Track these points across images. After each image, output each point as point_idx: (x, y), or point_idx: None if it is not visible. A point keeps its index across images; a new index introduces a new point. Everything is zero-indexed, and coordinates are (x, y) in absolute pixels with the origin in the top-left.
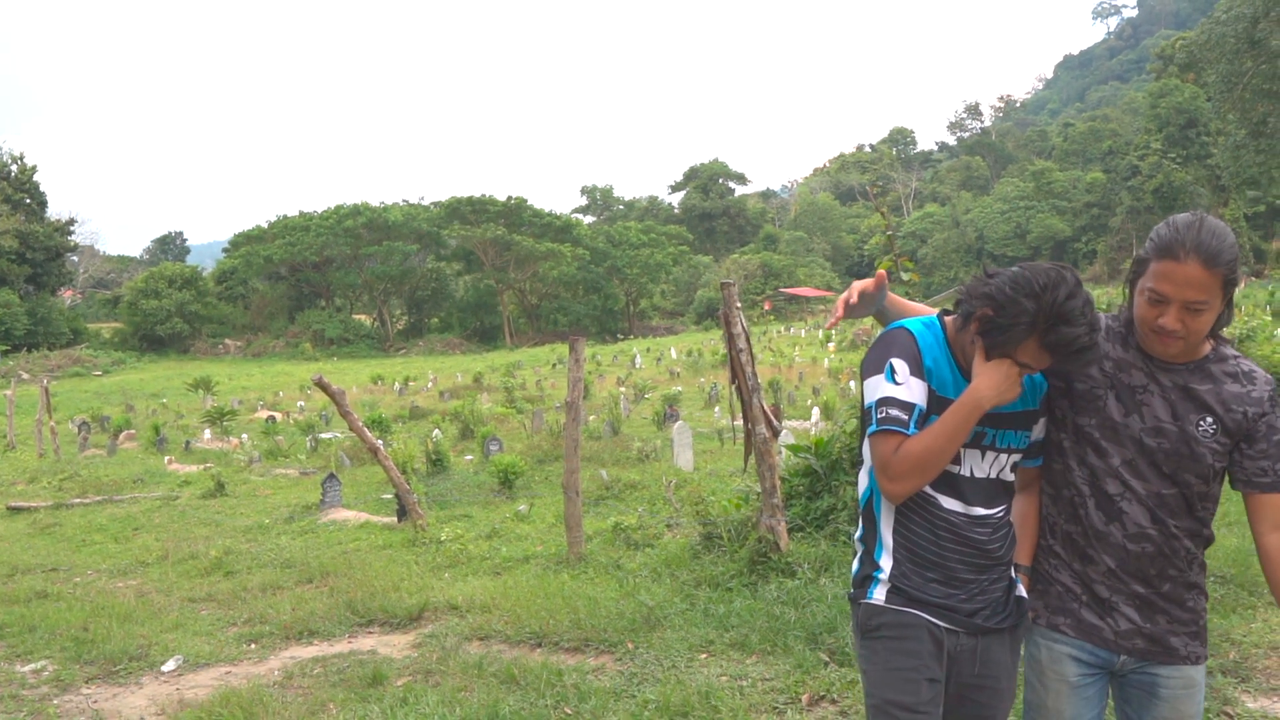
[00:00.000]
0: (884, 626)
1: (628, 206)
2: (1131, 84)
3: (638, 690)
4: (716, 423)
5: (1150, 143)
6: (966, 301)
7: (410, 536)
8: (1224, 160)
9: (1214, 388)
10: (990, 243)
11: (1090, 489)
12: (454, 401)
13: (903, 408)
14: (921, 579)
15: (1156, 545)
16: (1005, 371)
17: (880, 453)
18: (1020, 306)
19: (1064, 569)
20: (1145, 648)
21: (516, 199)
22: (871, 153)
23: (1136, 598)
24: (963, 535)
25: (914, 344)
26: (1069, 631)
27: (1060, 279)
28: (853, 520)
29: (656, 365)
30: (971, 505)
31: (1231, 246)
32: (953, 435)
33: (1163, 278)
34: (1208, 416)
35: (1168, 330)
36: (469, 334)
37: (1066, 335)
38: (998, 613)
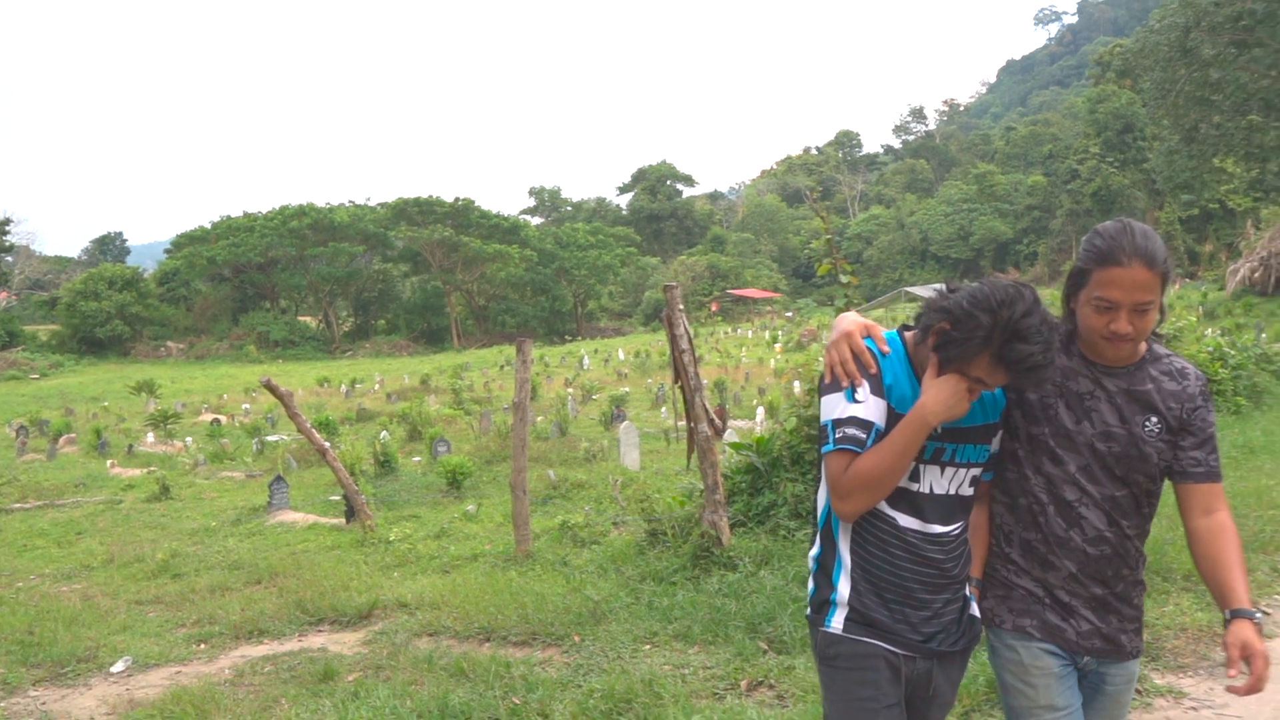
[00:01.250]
0: (841, 656)
1: (576, 208)
2: (1072, 89)
3: (584, 680)
4: (663, 423)
5: (1089, 147)
6: (925, 315)
7: (359, 537)
8: (1158, 165)
9: (1154, 387)
10: (934, 244)
11: (1049, 496)
12: (401, 403)
13: (861, 426)
14: (879, 601)
15: (1114, 547)
16: (954, 387)
17: (832, 471)
18: (976, 321)
19: (1024, 575)
20: (1101, 647)
21: (464, 200)
22: (818, 155)
23: (1094, 600)
24: (920, 554)
25: (875, 361)
26: (1036, 633)
27: (1018, 296)
28: (793, 515)
29: (604, 366)
30: (929, 523)
31: (1163, 246)
32: (901, 452)
33: (1110, 284)
34: (1152, 416)
35: (1122, 334)
36: (416, 336)
37: (1021, 352)
38: (951, 635)
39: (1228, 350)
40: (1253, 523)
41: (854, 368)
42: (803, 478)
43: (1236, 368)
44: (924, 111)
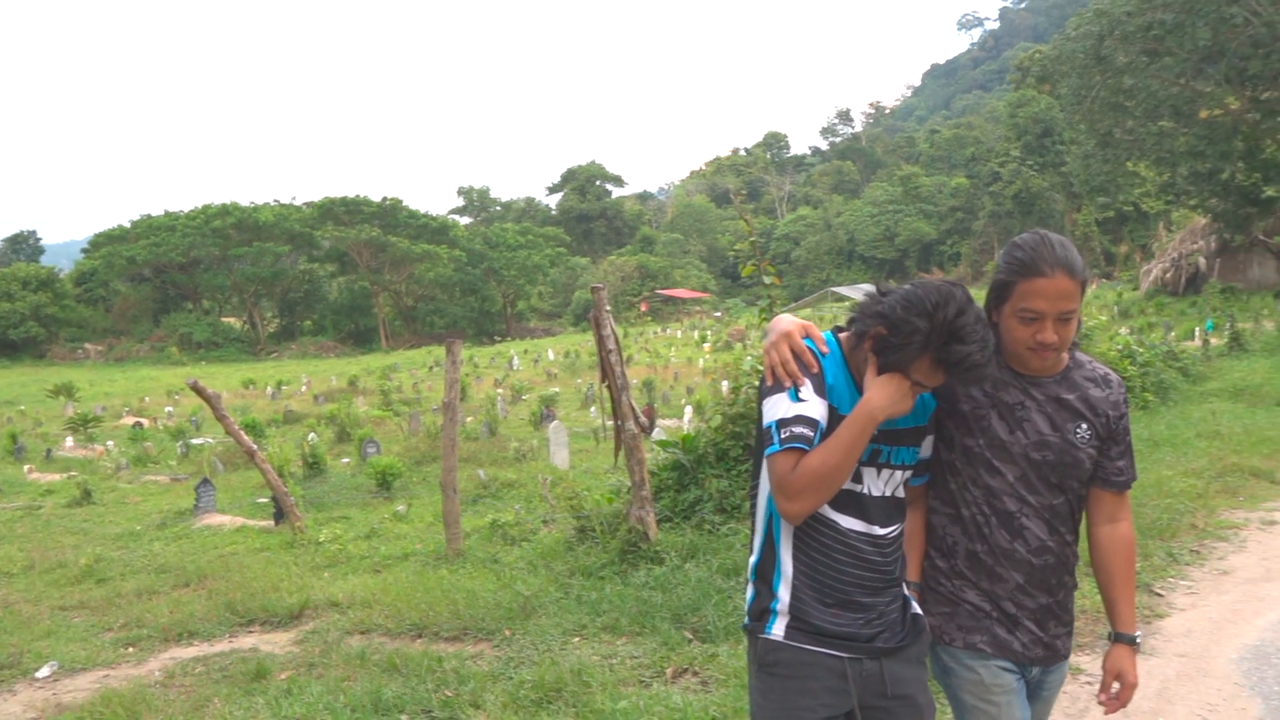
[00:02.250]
0: (781, 664)
1: (505, 208)
2: (994, 93)
3: (514, 672)
4: (592, 422)
5: (1010, 150)
6: (860, 320)
7: (288, 539)
8: (1075, 168)
9: (1081, 394)
10: (861, 245)
11: (990, 509)
12: (329, 405)
13: (808, 424)
14: (821, 607)
15: (1056, 555)
16: (897, 384)
17: (779, 471)
18: (913, 325)
19: (970, 588)
20: (1043, 655)
21: (392, 200)
22: (746, 156)
23: (1040, 609)
24: (861, 557)
25: (816, 360)
26: (987, 649)
27: (950, 296)
28: (718, 510)
29: (534, 367)
30: (873, 525)
31: (1079, 255)
32: (849, 449)
33: (1035, 295)
34: (1083, 423)
35: (1048, 344)
36: (343, 337)
37: (960, 353)
38: (896, 633)
39: (1136, 349)
40: (1151, 511)
41: (795, 367)
42: (727, 474)
43: (1145, 365)
44: (850, 114)
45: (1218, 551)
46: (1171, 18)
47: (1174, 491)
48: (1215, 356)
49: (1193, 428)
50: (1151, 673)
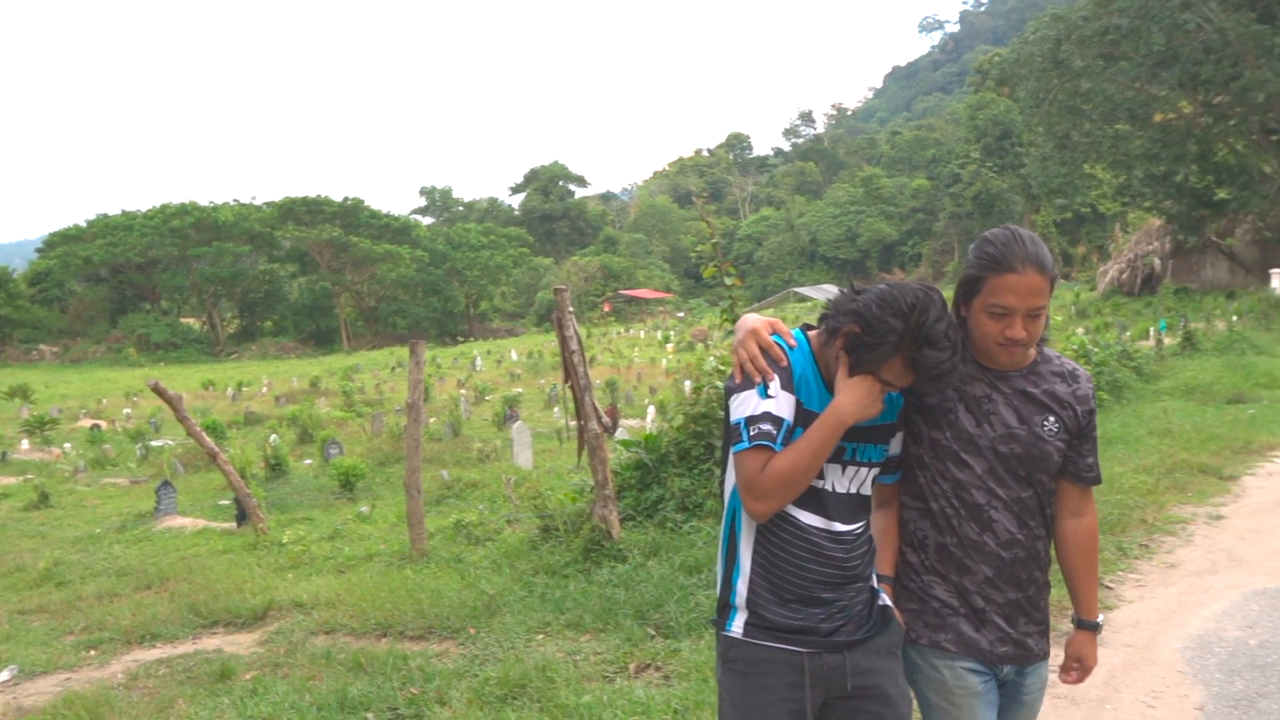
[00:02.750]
0: (741, 660)
1: (467, 208)
2: (954, 95)
3: (480, 670)
4: (555, 422)
5: (970, 152)
6: (833, 317)
7: (251, 540)
8: (1034, 170)
9: (1048, 388)
10: (823, 245)
11: (959, 501)
12: (290, 406)
13: (774, 422)
14: (779, 603)
15: (1026, 549)
16: (868, 387)
17: (748, 470)
18: (888, 325)
19: (939, 584)
20: (1012, 653)
21: (353, 200)
22: (709, 157)
23: (1008, 604)
24: (822, 553)
25: (784, 355)
26: (952, 648)
27: (929, 300)
28: (680, 509)
29: (497, 367)
30: (833, 520)
31: (1048, 252)
32: (818, 451)
33: (1006, 291)
34: (1050, 416)
35: (1017, 340)
36: (304, 337)
37: (932, 358)
38: (860, 626)
39: (1091, 348)
40: (1102, 507)
41: (764, 363)
42: (689, 473)
43: (1099, 364)
44: (813, 115)
45: (1166, 545)
46: (1127, 23)
47: (1125, 488)
48: (1168, 356)
49: (1145, 425)
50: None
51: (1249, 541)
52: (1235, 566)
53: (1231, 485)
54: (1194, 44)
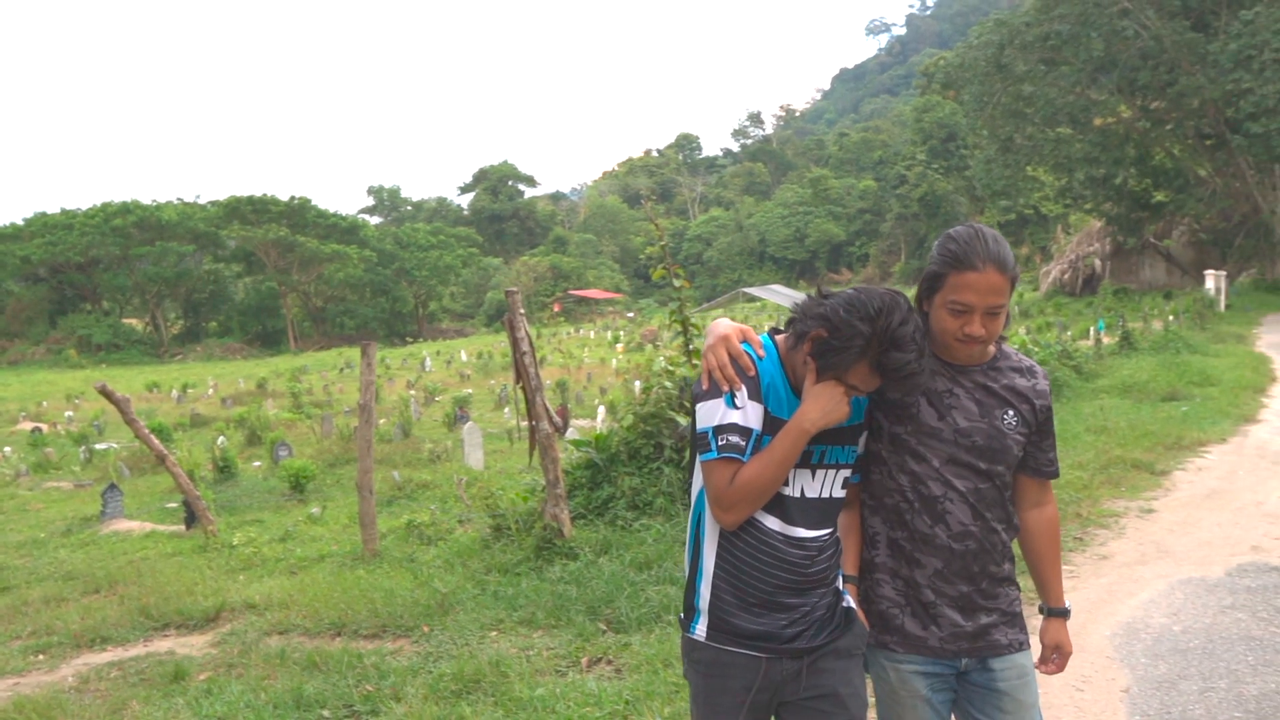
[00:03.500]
0: (703, 663)
1: (416, 207)
2: (900, 97)
3: (434, 666)
4: (506, 423)
5: (916, 154)
6: (800, 321)
7: (201, 543)
8: (978, 173)
9: (1008, 383)
10: (771, 246)
11: (914, 494)
12: (238, 408)
13: (741, 434)
14: (741, 607)
15: (979, 541)
16: (832, 394)
17: (716, 482)
18: (855, 329)
19: (887, 582)
20: (969, 647)
21: (300, 199)
22: (659, 157)
23: (960, 598)
24: (785, 559)
25: (753, 364)
26: (899, 648)
27: (895, 304)
28: (630, 507)
29: (447, 368)
30: (796, 526)
31: (1011, 251)
32: (782, 461)
33: (965, 288)
34: (1010, 410)
35: (975, 337)
36: (250, 338)
37: (898, 360)
38: (822, 630)
39: (1032, 347)
40: None
41: (733, 372)
42: (640, 471)
43: (1039, 364)
44: (761, 116)
45: (1099, 538)
46: (1067, 29)
47: (1061, 483)
48: (1107, 355)
49: (1082, 423)
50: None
51: (1177, 534)
52: (1163, 557)
53: (1163, 480)
54: (1132, 50)
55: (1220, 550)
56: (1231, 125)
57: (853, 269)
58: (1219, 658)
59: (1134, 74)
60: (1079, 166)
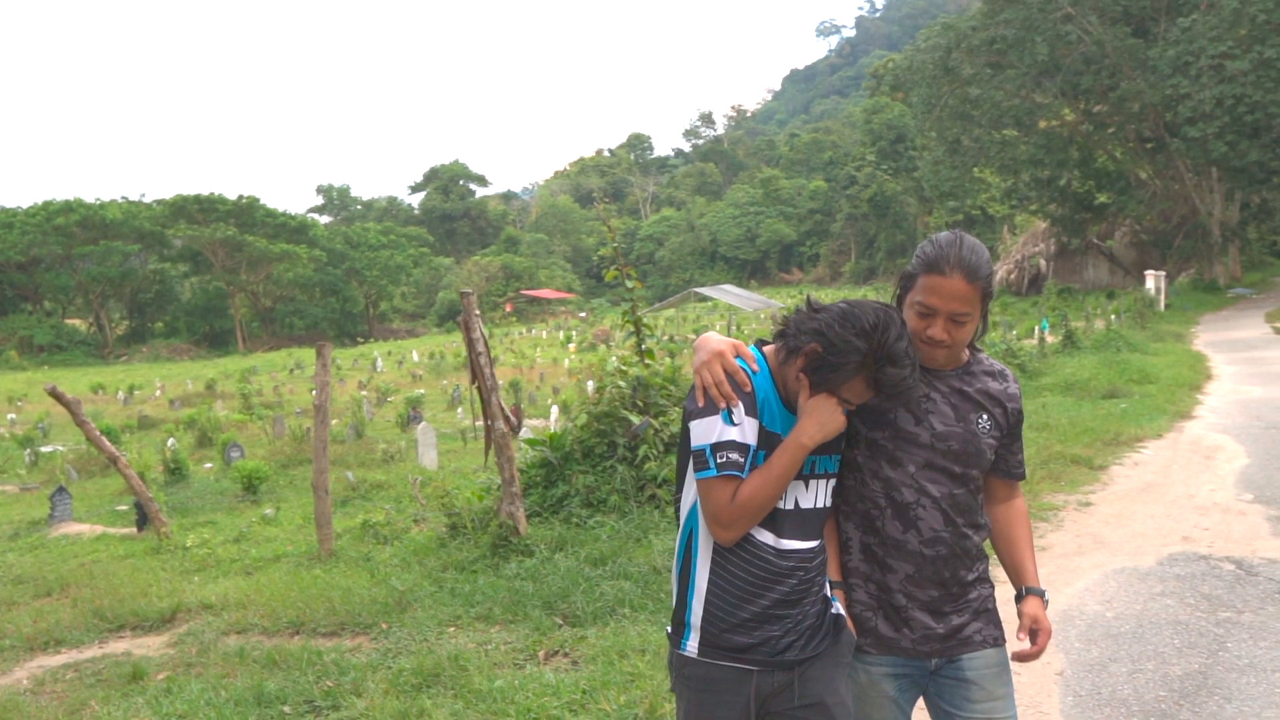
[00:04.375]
0: (695, 678)
1: (366, 207)
2: (850, 99)
3: (393, 662)
4: (459, 423)
5: (866, 155)
6: (794, 336)
7: (154, 545)
8: (926, 174)
9: (981, 387)
10: (723, 246)
11: (886, 500)
12: (186, 410)
13: (740, 450)
14: (734, 622)
15: (950, 547)
16: (828, 408)
17: (716, 499)
18: (851, 345)
19: (860, 586)
20: (941, 647)
21: (249, 198)
22: (610, 157)
23: (931, 602)
24: (778, 571)
25: (749, 380)
26: (872, 650)
27: (890, 320)
28: (584, 505)
29: (398, 368)
30: (786, 539)
31: (988, 262)
32: (781, 477)
33: (930, 291)
34: (984, 414)
35: (936, 340)
36: (198, 339)
37: (894, 376)
38: (813, 638)
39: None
40: None
41: (729, 389)
42: (593, 470)
43: None
44: (713, 117)
45: (1039, 531)
46: (1012, 33)
47: None
48: (1050, 354)
49: (1025, 420)
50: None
51: (1113, 526)
52: (1099, 548)
53: (1101, 474)
54: (1075, 55)
55: (1153, 541)
56: (1170, 129)
57: (803, 269)
58: (1148, 641)
59: (1077, 78)
60: (1024, 168)
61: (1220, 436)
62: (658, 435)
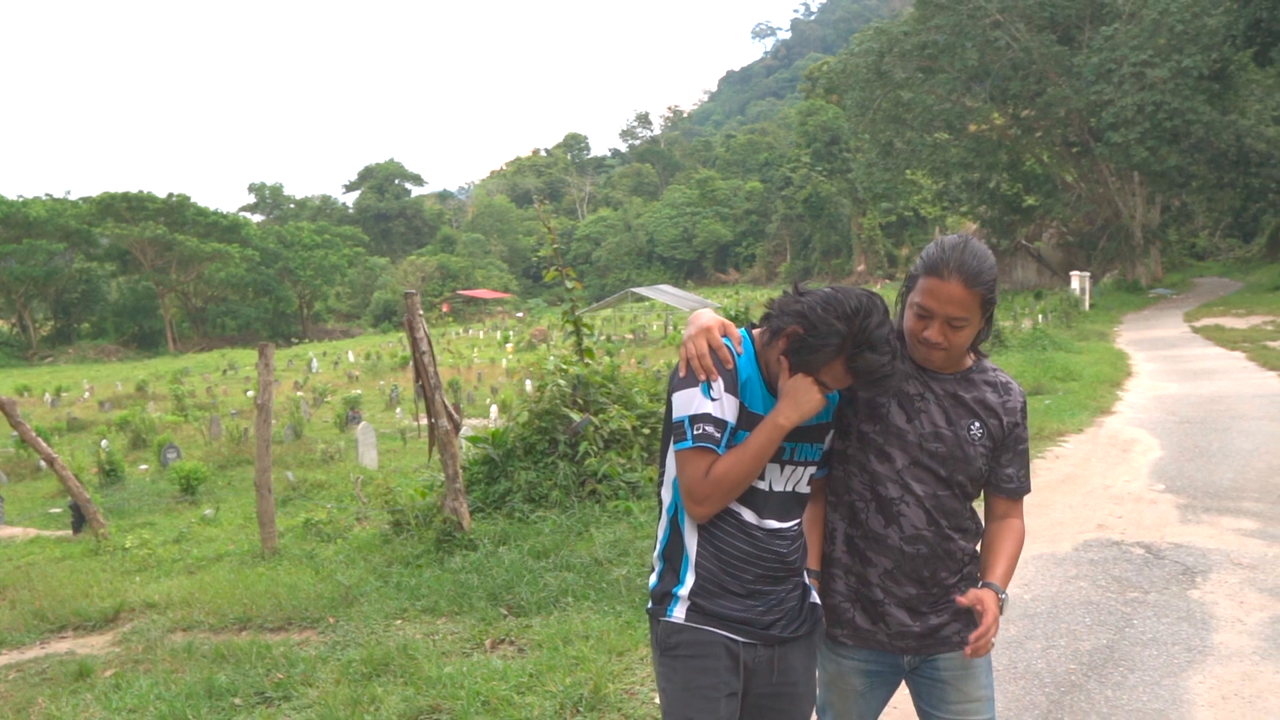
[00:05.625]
0: (682, 645)
1: (299, 206)
2: (786, 100)
3: (342, 654)
4: (398, 423)
5: (801, 156)
6: (777, 317)
7: (92, 546)
8: (860, 176)
9: (978, 395)
10: (660, 246)
11: (871, 494)
12: (117, 411)
13: (717, 425)
14: (721, 592)
15: (931, 547)
16: (806, 390)
17: (690, 472)
18: (832, 328)
19: (840, 577)
20: (917, 645)
21: (179, 196)
22: (547, 157)
23: (909, 599)
24: (763, 547)
25: (732, 358)
26: (848, 641)
27: (872, 305)
28: (527, 500)
29: (334, 369)
30: (767, 518)
31: (991, 269)
32: (757, 456)
33: (928, 294)
34: (976, 422)
35: (931, 342)
36: (126, 340)
37: (872, 362)
38: (794, 621)
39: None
40: None
41: (710, 362)
42: (535, 466)
43: None
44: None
45: None
46: (943, 39)
47: None
48: None
49: None
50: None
51: (1033, 515)
52: None
53: None
54: (1003, 61)
55: (1070, 529)
56: (1094, 134)
57: (740, 269)
58: (1061, 620)
59: (1006, 83)
60: (955, 171)
61: (1137, 431)
62: (598, 432)
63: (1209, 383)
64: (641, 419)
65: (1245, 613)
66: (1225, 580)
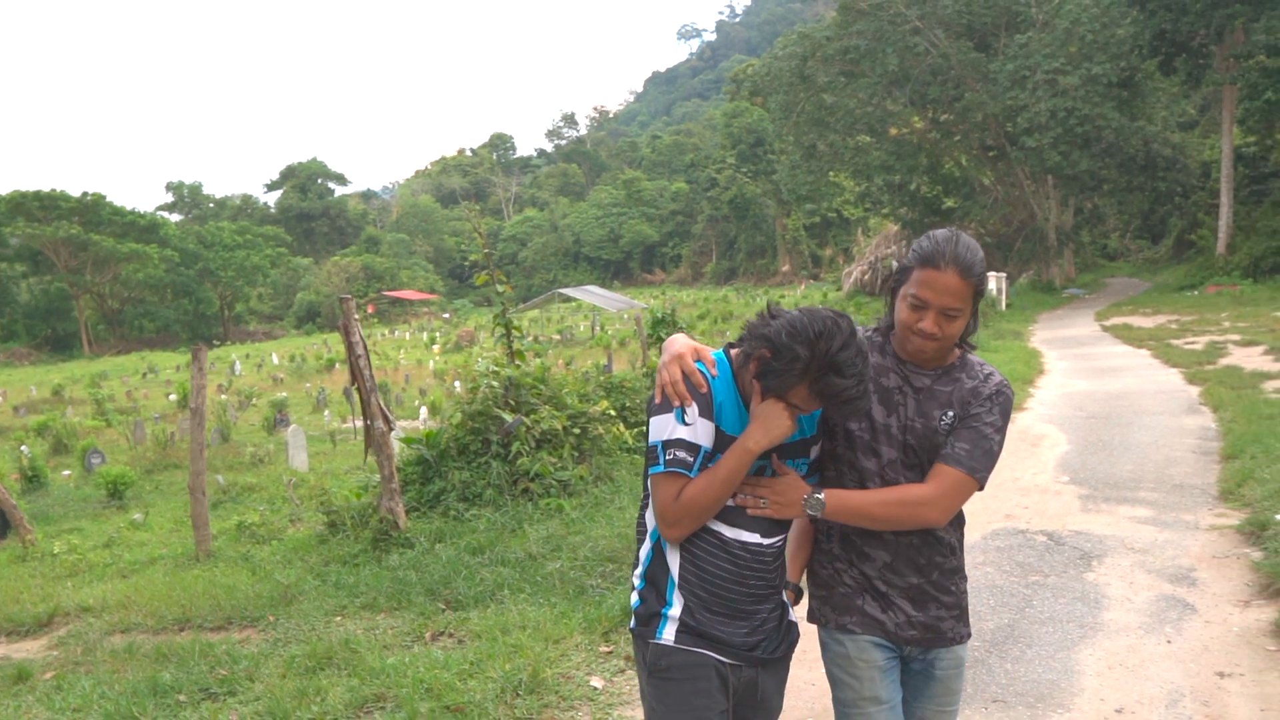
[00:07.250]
0: (674, 668)
1: (219, 205)
2: (711, 102)
3: (285, 650)
4: (327, 425)
5: (726, 158)
6: (748, 341)
7: (19, 553)
8: (784, 177)
9: (956, 388)
10: (586, 246)
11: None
12: (34, 416)
13: (689, 450)
14: (708, 613)
15: (920, 536)
16: (776, 413)
17: (662, 496)
18: (794, 353)
19: (845, 571)
20: (920, 636)
21: (94, 195)
22: (472, 157)
23: (912, 589)
24: (745, 566)
25: (706, 382)
26: (857, 628)
27: (835, 329)
28: (461, 499)
29: (258, 371)
30: (754, 533)
31: (982, 261)
32: (726, 479)
33: (924, 285)
34: (949, 411)
35: (926, 333)
36: (39, 343)
37: (836, 385)
38: (774, 642)
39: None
40: None
41: (684, 389)
42: (469, 466)
43: None
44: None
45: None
46: (865, 43)
47: None
48: None
49: None
50: None
51: None
52: None
53: None
54: (923, 66)
55: (980, 519)
56: (1010, 139)
57: (666, 269)
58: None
59: (925, 88)
60: (877, 173)
61: (1046, 426)
62: (529, 432)
63: (1115, 380)
64: (572, 419)
65: (1134, 592)
66: (1118, 563)
